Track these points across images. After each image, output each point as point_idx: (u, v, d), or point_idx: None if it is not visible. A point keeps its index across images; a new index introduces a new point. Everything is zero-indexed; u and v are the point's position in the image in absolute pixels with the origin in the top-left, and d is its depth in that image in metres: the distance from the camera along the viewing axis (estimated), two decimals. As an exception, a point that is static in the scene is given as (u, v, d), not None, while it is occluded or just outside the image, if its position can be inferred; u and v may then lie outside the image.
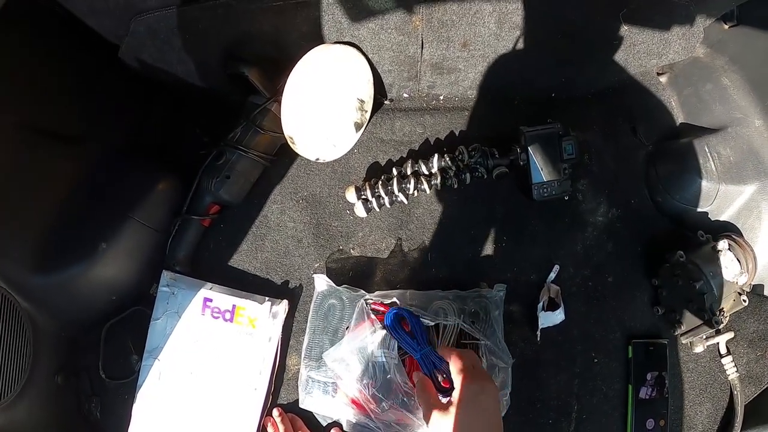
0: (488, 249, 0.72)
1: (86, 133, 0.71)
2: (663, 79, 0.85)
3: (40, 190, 0.64)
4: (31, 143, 0.63)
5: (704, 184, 0.75)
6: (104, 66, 0.71)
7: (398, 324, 0.60)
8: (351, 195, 0.70)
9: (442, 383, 0.55)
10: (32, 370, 0.62)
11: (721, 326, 0.68)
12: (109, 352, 0.70)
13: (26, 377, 0.61)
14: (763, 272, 0.76)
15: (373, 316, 0.63)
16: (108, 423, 0.69)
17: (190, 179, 0.70)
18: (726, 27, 0.76)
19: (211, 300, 0.69)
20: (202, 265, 0.72)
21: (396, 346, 0.61)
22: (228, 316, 0.69)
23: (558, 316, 0.68)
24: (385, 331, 0.61)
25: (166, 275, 0.70)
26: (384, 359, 0.60)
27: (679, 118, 0.84)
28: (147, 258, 0.70)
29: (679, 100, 0.84)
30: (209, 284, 0.70)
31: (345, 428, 0.68)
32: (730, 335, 0.73)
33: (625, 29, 0.73)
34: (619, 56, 0.77)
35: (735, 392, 0.73)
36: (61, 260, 0.64)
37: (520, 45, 0.72)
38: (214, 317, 0.69)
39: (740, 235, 0.76)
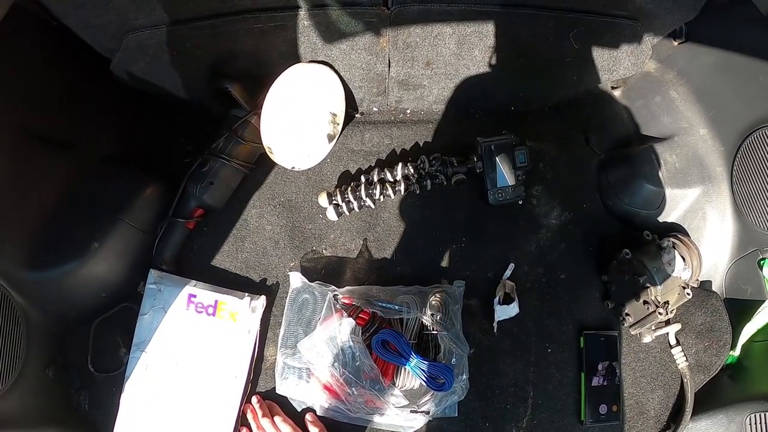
0: (448, 249, 0.78)
1: (78, 139, 0.75)
2: (617, 92, 0.92)
3: (35, 192, 0.68)
4: (27, 148, 0.67)
5: (652, 188, 0.81)
6: (96, 77, 0.76)
7: (384, 347, 0.68)
8: (323, 200, 0.76)
9: (438, 381, 0.64)
10: (25, 363, 0.65)
11: (668, 318, 0.73)
12: (98, 346, 0.74)
13: (19, 370, 0.64)
14: (710, 269, 0.82)
15: (341, 309, 0.69)
16: (96, 414, 0.73)
17: (176, 185, 0.76)
18: (675, 43, 0.83)
19: (195, 296, 0.74)
20: (186, 264, 0.77)
21: (361, 332, 0.67)
22: (211, 310, 0.74)
23: (513, 310, 0.74)
24: (351, 321, 0.67)
25: (153, 273, 0.75)
26: (351, 344, 0.66)
27: (631, 128, 0.90)
28: (135, 257, 0.75)
29: (630, 112, 0.90)
30: (193, 281, 0.75)
31: (318, 413, 0.73)
32: (678, 327, 0.78)
33: (576, 48, 0.78)
34: (573, 72, 0.83)
35: (685, 380, 0.77)
36: (56, 258, 0.68)
37: (479, 63, 0.78)
38: (197, 312, 0.74)
39: (687, 234, 0.82)
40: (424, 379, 0.68)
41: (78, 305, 0.73)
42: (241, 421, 0.73)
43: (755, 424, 0.73)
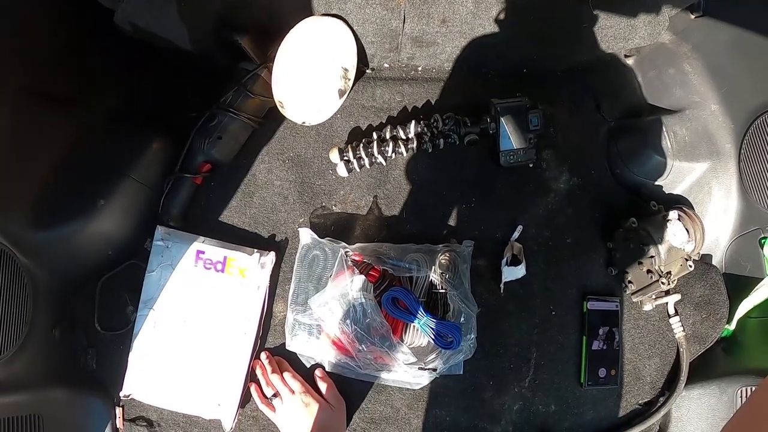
0: (458, 208, 0.78)
1: (83, 96, 0.73)
2: (630, 61, 0.91)
3: (38, 151, 0.67)
4: (30, 106, 0.65)
5: (660, 159, 0.82)
6: (99, 31, 0.73)
7: (394, 305, 0.68)
8: (334, 156, 0.75)
9: (446, 339, 0.65)
10: (31, 325, 0.65)
11: (669, 288, 0.74)
12: (105, 305, 0.74)
13: (26, 333, 0.64)
14: (712, 244, 0.83)
15: (352, 266, 0.69)
16: (104, 373, 0.74)
17: (183, 140, 0.74)
18: (692, 17, 0.82)
19: (203, 252, 0.74)
20: (194, 221, 0.76)
21: (372, 289, 0.68)
22: (219, 266, 0.74)
23: (520, 271, 0.75)
24: (363, 278, 0.67)
25: (160, 230, 0.74)
26: (363, 301, 0.67)
27: (642, 98, 0.90)
28: (142, 214, 0.74)
29: (642, 82, 0.90)
30: (201, 237, 0.74)
31: (327, 369, 0.74)
32: (677, 297, 0.80)
33: (594, 14, 0.77)
34: (588, 38, 0.82)
35: (681, 350, 0.79)
36: (61, 216, 0.67)
37: (495, 23, 0.77)
38: (206, 268, 0.74)
39: (691, 207, 0.83)
40: (433, 337, 0.68)
41: (84, 264, 0.72)
42: (251, 377, 0.74)
43: (746, 397, 0.76)
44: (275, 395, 0.72)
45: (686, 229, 0.76)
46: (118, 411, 0.74)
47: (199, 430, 0.75)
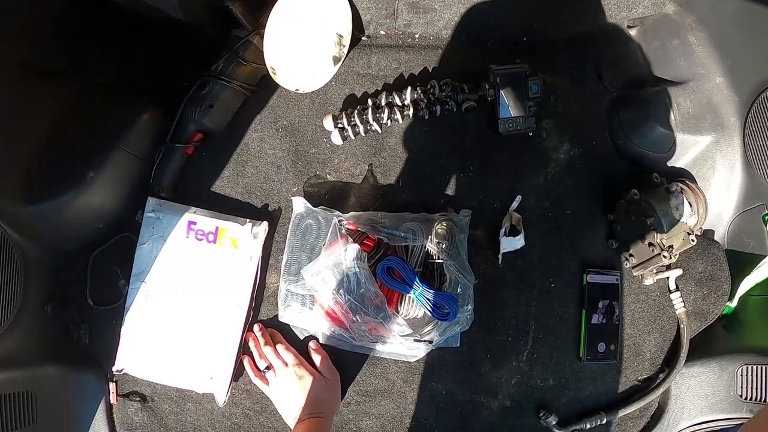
0: (456, 177, 0.76)
1: (72, 67, 0.71)
2: (633, 32, 0.89)
3: (27, 123, 0.65)
4: (18, 78, 0.64)
5: (663, 131, 0.80)
6: (89, 2, 0.72)
7: (389, 275, 0.66)
8: (328, 123, 0.73)
9: (443, 311, 0.63)
10: (23, 301, 0.65)
11: (670, 262, 0.73)
12: (97, 279, 0.73)
13: (17, 308, 0.64)
14: (714, 219, 0.82)
15: (346, 235, 0.67)
16: (97, 347, 0.73)
17: (174, 110, 0.72)
18: None
19: (195, 223, 0.73)
20: (186, 191, 0.75)
21: (367, 258, 0.66)
22: (211, 237, 0.73)
23: (519, 242, 0.73)
24: (357, 247, 0.66)
25: (151, 201, 0.73)
26: (357, 270, 0.65)
27: (645, 69, 0.88)
28: (133, 186, 0.73)
29: (646, 53, 0.88)
30: (193, 208, 0.73)
31: (321, 341, 0.73)
32: (679, 272, 0.78)
33: None
34: (590, 7, 0.79)
35: (682, 326, 0.78)
36: (51, 190, 0.66)
37: (494, -12, 0.75)
38: (198, 239, 0.73)
39: (694, 181, 0.81)
40: (429, 308, 0.67)
41: (75, 238, 0.71)
42: (244, 349, 0.73)
43: (746, 375, 0.75)
44: (268, 368, 0.71)
45: (689, 203, 0.74)
46: (112, 386, 0.73)
47: (192, 405, 0.74)
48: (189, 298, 0.72)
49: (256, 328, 0.73)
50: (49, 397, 0.67)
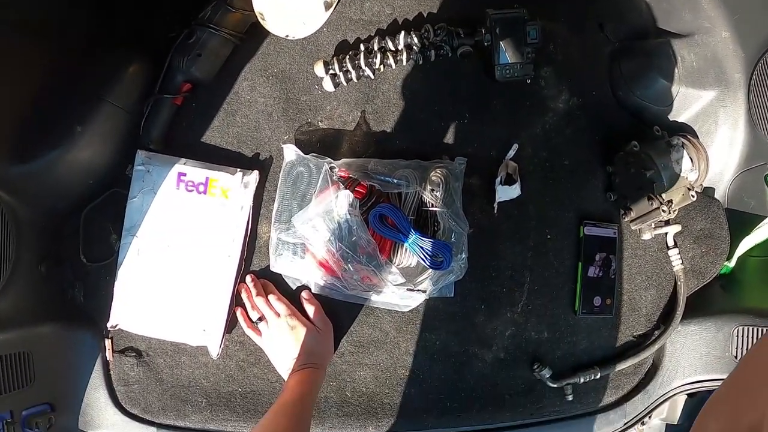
0: (450, 124, 0.74)
1: (55, 19, 0.68)
2: (635, -19, 0.86)
3: (11, 81, 0.63)
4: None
5: (665, 84, 0.78)
6: None
7: (382, 222, 0.65)
8: (319, 69, 0.71)
9: (436, 259, 0.63)
10: (16, 262, 0.64)
11: (669, 218, 0.72)
12: (89, 236, 0.73)
13: (10, 270, 0.63)
14: (715, 177, 0.80)
15: (338, 182, 0.66)
16: (91, 305, 0.73)
17: (162, 61, 0.71)
18: None
19: (185, 174, 0.71)
20: (175, 143, 0.73)
21: (359, 205, 0.65)
22: (202, 188, 0.71)
23: (514, 191, 0.72)
24: (348, 194, 0.65)
25: (141, 154, 0.72)
26: (348, 218, 0.64)
27: (648, 20, 0.85)
28: (121, 139, 0.72)
29: (650, 3, 0.85)
30: (183, 159, 0.72)
31: (314, 291, 0.72)
32: (677, 228, 0.77)
33: None
34: (591, -47, 0.77)
35: (679, 283, 0.77)
36: (38, 148, 0.65)
37: (492, -72, 0.72)
38: (188, 190, 0.71)
39: (696, 136, 0.79)
40: (423, 257, 0.66)
41: (66, 195, 0.71)
42: (236, 301, 0.72)
43: (742, 337, 0.75)
44: (261, 319, 0.71)
45: (690, 158, 0.73)
46: (107, 343, 0.73)
47: (186, 358, 0.74)
48: (180, 251, 0.71)
49: (248, 278, 0.72)
50: (46, 356, 0.67)
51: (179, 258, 0.72)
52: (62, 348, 0.71)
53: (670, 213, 0.70)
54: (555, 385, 0.74)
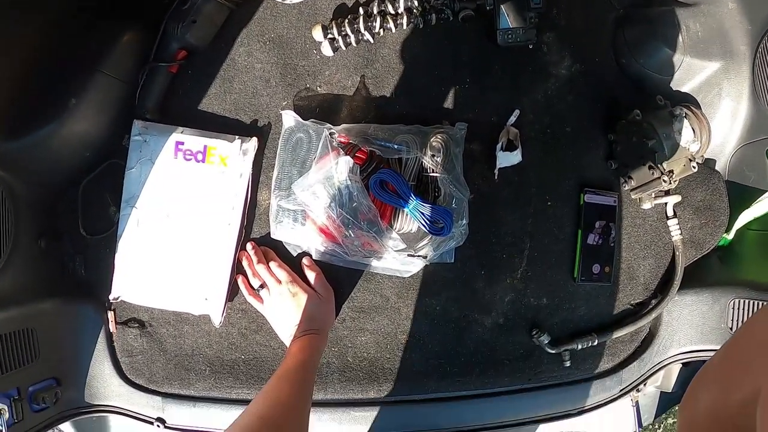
0: (451, 89, 0.74)
1: None
2: (641, -54, 0.84)
3: (3, 55, 0.61)
4: None
5: (669, 53, 0.76)
6: None
7: (383, 188, 0.65)
8: (318, 33, 0.70)
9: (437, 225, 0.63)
10: (15, 238, 0.64)
11: (669, 188, 0.72)
12: (88, 209, 0.72)
13: (10, 247, 0.63)
14: (717, 149, 0.80)
15: (338, 147, 0.65)
16: (93, 278, 0.73)
17: (156, 28, 0.69)
18: None
19: (182, 143, 0.71)
20: (172, 112, 0.72)
21: (359, 171, 0.65)
22: (200, 156, 0.71)
23: (515, 157, 0.72)
24: (348, 159, 0.64)
25: (137, 124, 0.71)
26: (349, 183, 0.64)
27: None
28: (117, 110, 0.71)
29: (655, -29, 0.84)
30: (180, 128, 0.71)
31: (314, 257, 0.73)
32: (677, 198, 0.77)
33: None
34: None
35: (677, 253, 0.78)
36: (33, 122, 0.64)
37: None
38: (186, 159, 0.71)
39: (699, 107, 0.78)
40: (423, 223, 0.66)
41: (63, 169, 0.70)
42: (237, 268, 0.72)
43: (738, 309, 0.75)
44: (262, 286, 0.71)
45: (692, 128, 0.72)
46: (110, 315, 0.74)
47: (189, 327, 0.74)
48: (180, 220, 0.71)
49: (248, 246, 0.72)
50: (50, 331, 0.68)
51: (179, 228, 0.71)
52: (65, 322, 0.71)
53: (670, 183, 0.70)
54: (553, 351, 0.75)
